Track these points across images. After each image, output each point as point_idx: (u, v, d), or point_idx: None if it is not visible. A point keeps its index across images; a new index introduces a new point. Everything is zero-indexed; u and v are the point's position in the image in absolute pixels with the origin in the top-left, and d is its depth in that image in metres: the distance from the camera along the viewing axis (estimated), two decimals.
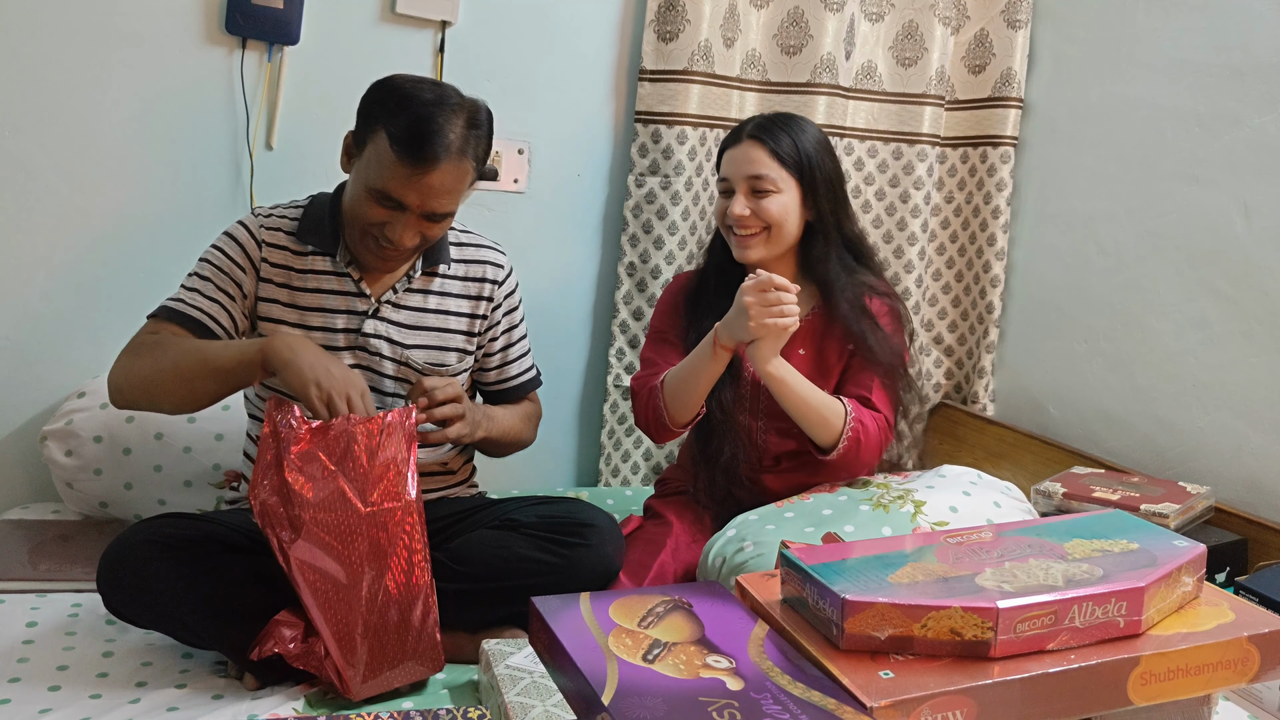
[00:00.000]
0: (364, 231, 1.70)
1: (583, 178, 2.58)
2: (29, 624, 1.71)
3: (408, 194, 1.63)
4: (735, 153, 1.96)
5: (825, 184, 1.95)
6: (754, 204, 1.91)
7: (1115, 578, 1.16)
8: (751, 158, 1.93)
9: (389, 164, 1.62)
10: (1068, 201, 2.60)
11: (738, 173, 1.93)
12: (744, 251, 1.95)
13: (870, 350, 1.92)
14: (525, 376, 2.00)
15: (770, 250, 1.95)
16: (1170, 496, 1.97)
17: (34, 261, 2.18)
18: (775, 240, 1.94)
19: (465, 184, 1.69)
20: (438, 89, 1.68)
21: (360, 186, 1.67)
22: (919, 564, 1.21)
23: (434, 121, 1.62)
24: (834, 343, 1.97)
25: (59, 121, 2.15)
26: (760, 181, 1.91)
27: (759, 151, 1.93)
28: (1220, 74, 2.21)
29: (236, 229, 1.78)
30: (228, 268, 1.75)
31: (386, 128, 1.63)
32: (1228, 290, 2.17)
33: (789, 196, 1.92)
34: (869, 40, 2.69)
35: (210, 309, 1.72)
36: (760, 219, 1.92)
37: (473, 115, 1.69)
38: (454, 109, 1.66)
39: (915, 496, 1.87)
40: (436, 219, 1.69)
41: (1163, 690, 1.14)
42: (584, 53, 2.53)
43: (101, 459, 2.07)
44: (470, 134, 1.67)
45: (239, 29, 2.22)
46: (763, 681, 1.08)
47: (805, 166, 1.93)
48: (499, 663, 1.50)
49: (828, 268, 1.96)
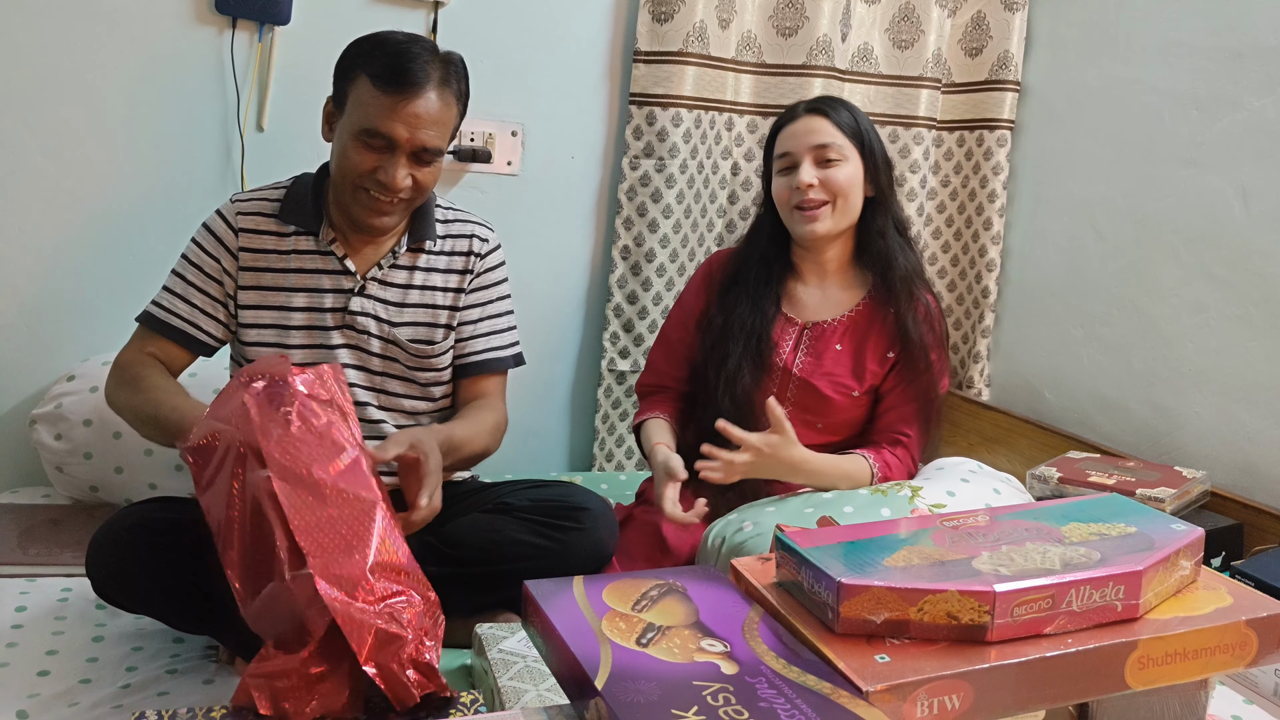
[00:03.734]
0: (355, 186, 1.68)
1: (577, 160, 2.56)
2: (18, 608, 1.70)
3: (395, 126, 1.63)
4: (796, 126, 1.93)
5: (883, 160, 1.94)
6: (822, 174, 1.88)
7: (1113, 561, 1.15)
8: (815, 128, 1.90)
9: (373, 101, 1.63)
10: (1064, 185, 2.59)
11: (801, 145, 1.90)
12: (811, 226, 1.90)
13: (914, 369, 1.91)
14: (490, 355, 1.88)
15: (837, 223, 1.91)
16: (1166, 481, 1.96)
17: (22, 244, 2.16)
18: (842, 212, 1.91)
19: (450, 120, 1.70)
20: (410, 34, 1.72)
21: (347, 136, 1.67)
22: (915, 547, 1.19)
23: (411, 52, 1.65)
24: (877, 342, 1.94)
25: (47, 102, 2.13)
26: (827, 150, 1.88)
27: (822, 122, 1.91)
28: (1218, 57, 2.19)
29: (213, 219, 1.77)
30: (206, 264, 1.75)
31: (365, 70, 1.65)
32: (1225, 274, 2.16)
33: (854, 167, 1.90)
34: (865, 22, 2.67)
35: (193, 316, 1.73)
36: (829, 189, 1.88)
37: (448, 55, 1.71)
38: (429, 47, 1.69)
39: (912, 483, 1.86)
40: (427, 158, 1.68)
41: (1160, 674, 1.13)
42: (578, 34, 2.51)
43: (91, 443, 2.06)
44: (449, 70, 1.69)
45: (229, 8, 2.19)
46: (757, 665, 1.07)
47: (866, 139, 1.92)
48: (492, 647, 1.49)
49: (887, 244, 1.94)
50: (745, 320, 1.95)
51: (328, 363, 1.66)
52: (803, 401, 1.94)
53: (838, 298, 1.99)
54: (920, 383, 1.92)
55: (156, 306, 1.74)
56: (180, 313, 1.73)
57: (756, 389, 1.92)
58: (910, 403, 1.93)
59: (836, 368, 1.92)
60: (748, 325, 1.94)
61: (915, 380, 1.92)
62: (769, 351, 1.94)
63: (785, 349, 1.95)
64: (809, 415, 1.94)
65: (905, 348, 1.92)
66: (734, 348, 1.93)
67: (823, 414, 1.94)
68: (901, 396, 1.93)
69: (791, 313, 1.98)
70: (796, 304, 1.99)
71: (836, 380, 1.93)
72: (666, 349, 2.07)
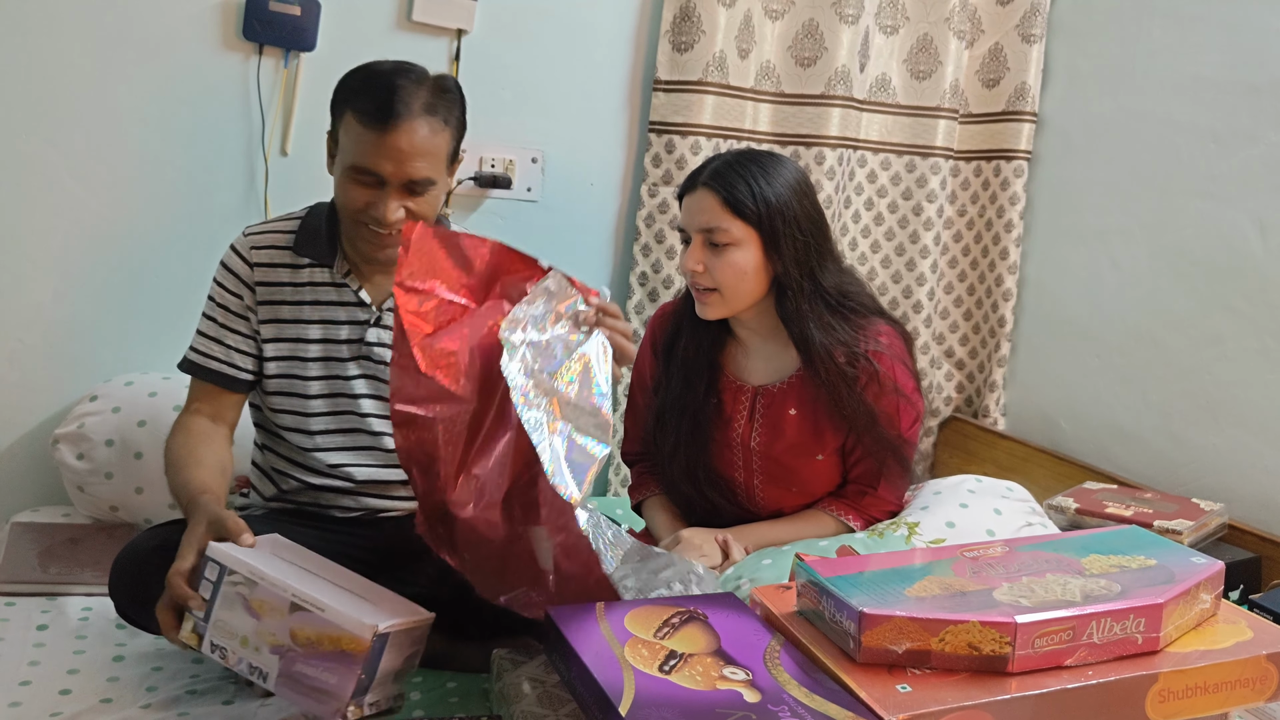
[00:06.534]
0: (355, 222, 1.67)
1: (596, 187, 2.58)
2: (39, 626, 1.71)
3: (381, 162, 1.59)
4: (690, 201, 1.78)
5: (791, 234, 1.74)
6: (708, 259, 1.74)
7: (1133, 594, 1.15)
8: (705, 207, 1.74)
9: (359, 137, 1.60)
10: (1081, 216, 2.60)
11: (691, 223, 1.76)
12: (703, 309, 1.79)
13: (866, 433, 1.80)
14: None
15: (732, 307, 1.78)
16: (1184, 513, 1.96)
17: (48, 265, 2.18)
18: (734, 298, 1.76)
19: (441, 147, 1.64)
20: (398, 63, 1.67)
21: (339, 174, 1.66)
22: (936, 577, 1.20)
23: (393, 84, 1.60)
24: (826, 401, 1.83)
25: (75, 125, 2.16)
26: (713, 234, 1.73)
27: (713, 202, 1.73)
28: (1236, 91, 2.20)
29: (229, 256, 1.76)
30: (230, 303, 1.74)
31: (350, 106, 1.62)
32: (1243, 307, 2.16)
33: (746, 251, 1.73)
34: (883, 53, 2.69)
35: (229, 356, 1.73)
36: (714, 277, 1.74)
37: (439, 80, 1.67)
38: (417, 76, 1.64)
39: (908, 519, 1.83)
40: (419, 189, 1.63)
41: (1181, 708, 1.14)
42: (599, 62, 2.53)
43: (112, 463, 2.07)
44: (439, 98, 1.64)
45: (256, 35, 2.22)
46: (779, 694, 1.07)
47: (764, 216, 1.72)
48: (511, 671, 1.49)
49: (802, 326, 1.76)
50: (680, 396, 1.88)
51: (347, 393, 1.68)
52: (769, 472, 1.87)
53: (780, 357, 1.86)
54: (879, 435, 1.81)
55: (194, 352, 1.74)
56: (217, 355, 1.73)
57: (698, 465, 1.89)
58: (879, 453, 1.83)
59: (795, 435, 1.83)
60: (682, 402, 1.88)
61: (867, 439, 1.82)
62: (714, 420, 1.88)
63: (740, 421, 1.86)
64: (780, 483, 1.88)
65: (848, 419, 1.80)
66: (672, 427, 1.89)
67: (793, 481, 1.88)
68: (869, 449, 1.83)
69: (738, 377, 1.88)
70: (740, 367, 1.89)
71: (798, 449, 1.85)
72: (634, 415, 2.03)
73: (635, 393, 2.03)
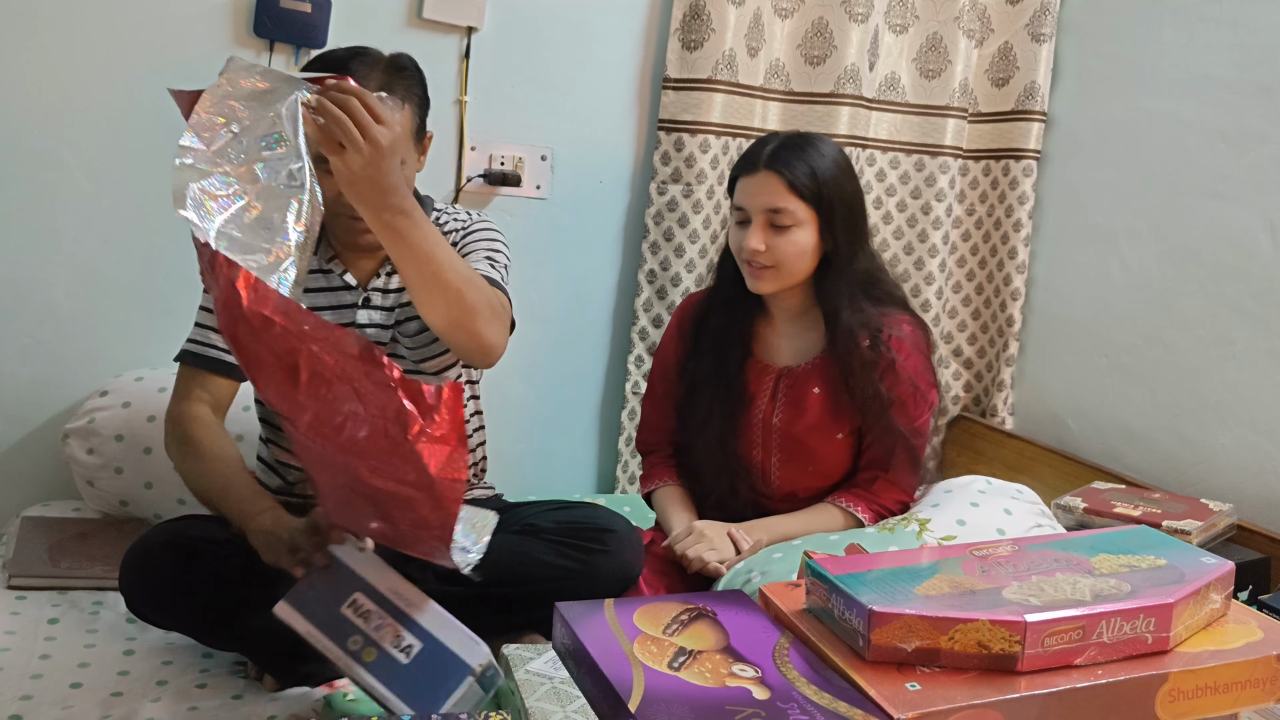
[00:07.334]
0: (331, 213, 1.65)
1: (605, 184, 2.58)
2: (50, 620, 1.72)
3: None
4: (751, 183, 1.86)
5: (844, 213, 1.86)
6: (770, 239, 1.83)
7: (1143, 593, 1.15)
8: (769, 189, 1.83)
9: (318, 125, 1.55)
10: (1090, 216, 2.60)
11: (754, 204, 1.84)
12: (756, 283, 1.87)
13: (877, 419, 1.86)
14: None
15: (783, 283, 1.87)
16: (1192, 513, 1.96)
17: (59, 260, 2.19)
18: (788, 275, 1.86)
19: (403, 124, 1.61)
20: (354, 47, 1.66)
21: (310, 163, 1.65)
22: (945, 576, 1.20)
23: (347, 68, 1.58)
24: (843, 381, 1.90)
25: (87, 122, 2.16)
26: (778, 216, 1.82)
27: (777, 183, 1.83)
28: (1247, 91, 2.20)
29: None
30: None
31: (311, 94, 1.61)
32: (1252, 307, 2.16)
33: (806, 230, 1.84)
34: (893, 52, 2.69)
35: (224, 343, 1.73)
36: (774, 255, 1.83)
37: (394, 59, 1.66)
38: (372, 58, 1.64)
39: (919, 515, 1.85)
40: None
41: (1190, 708, 1.14)
42: (608, 60, 2.53)
43: (122, 457, 2.08)
44: (394, 76, 1.63)
45: (267, 32, 2.23)
46: (789, 691, 1.08)
47: (823, 196, 1.83)
48: (519, 668, 1.49)
49: (837, 303, 1.87)
50: (714, 369, 1.94)
51: None
52: (788, 451, 1.92)
53: (807, 338, 1.95)
54: (889, 424, 1.86)
55: (193, 343, 1.75)
56: (215, 343, 1.74)
57: (730, 437, 1.92)
58: (888, 441, 1.87)
59: (817, 414, 1.88)
60: (716, 374, 1.94)
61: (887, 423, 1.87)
62: (740, 399, 1.92)
63: (763, 400, 1.93)
64: (798, 462, 1.92)
65: (860, 403, 1.87)
66: (705, 398, 1.93)
67: (810, 461, 1.92)
68: (879, 436, 1.89)
69: (765, 357, 1.96)
70: (768, 347, 1.97)
71: (818, 428, 1.90)
72: (654, 402, 2.07)
73: (655, 381, 2.06)
